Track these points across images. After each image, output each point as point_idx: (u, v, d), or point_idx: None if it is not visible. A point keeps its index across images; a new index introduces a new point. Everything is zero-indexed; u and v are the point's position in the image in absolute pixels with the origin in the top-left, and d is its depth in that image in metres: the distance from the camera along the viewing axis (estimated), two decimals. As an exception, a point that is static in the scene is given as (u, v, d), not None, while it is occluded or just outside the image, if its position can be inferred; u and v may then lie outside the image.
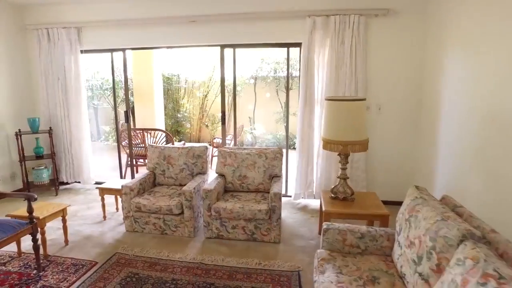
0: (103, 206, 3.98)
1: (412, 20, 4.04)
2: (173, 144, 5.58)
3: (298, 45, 4.42)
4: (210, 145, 7.67)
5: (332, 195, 3.30)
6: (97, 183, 5.35)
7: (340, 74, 4.21)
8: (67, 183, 5.33)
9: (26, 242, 3.21)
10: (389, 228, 2.48)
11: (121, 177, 5.46)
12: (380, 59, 4.19)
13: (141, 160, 5.86)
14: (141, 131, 5.67)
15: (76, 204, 4.53)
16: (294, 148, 9.03)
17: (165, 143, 6.03)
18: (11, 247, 3.12)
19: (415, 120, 4.22)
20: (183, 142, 6.04)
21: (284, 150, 4.13)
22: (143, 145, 5.67)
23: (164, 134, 5.85)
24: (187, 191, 3.41)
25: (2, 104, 4.77)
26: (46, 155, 4.95)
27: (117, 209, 4.25)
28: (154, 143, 5.70)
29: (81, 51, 4.97)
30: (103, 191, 3.92)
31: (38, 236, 2.92)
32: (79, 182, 5.29)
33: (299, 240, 3.52)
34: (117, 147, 5.52)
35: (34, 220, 2.85)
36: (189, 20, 4.50)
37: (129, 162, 5.79)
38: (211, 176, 4.10)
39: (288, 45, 4.58)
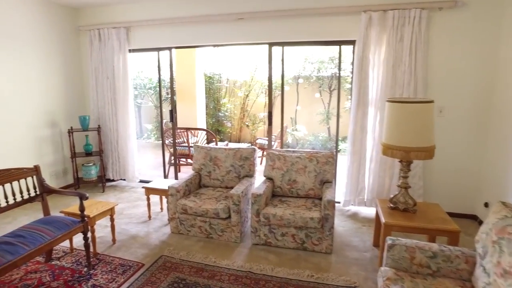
0: (149, 205, 3.95)
1: (485, 12, 3.63)
2: (216, 144, 5.51)
3: (351, 42, 4.16)
4: (252, 144, 7.64)
5: (391, 205, 3.03)
6: (141, 181, 5.40)
7: (398, 74, 3.90)
8: (113, 180, 5.42)
9: (77, 238, 3.25)
10: (466, 248, 2.19)
11: (164, 176, 5.47)
12: (443, 57, 3.83)
13: (183, 159, 5.85)
14: (184, 130, 5.65)
15: (122, 202, 4.57)
16: (339, 151, 8.77)
17: (205, 142, 5.99)
18: (65, 243, 3.23)
19: (484, 124, 3.81)
20: (226, 142, 5.95)
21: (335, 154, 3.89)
22: (187, 145, 5.64)
23: (205, 133, 5.81)
24: (235, 194, 3.28)
25: (57, 103, 4.93)
26: (94, 152, 5.05)
27: (161, 209, 4.22)
28: (196, 142, 5.65)
29: (129, 50, 5.02)
30: (149, 191, 3.89)
31: (89, 234, 2.91)
32: (124, 179, 5.36)
33: (352, 252, 3.28)
34: (162, 146, 5.54)
35: (86, 218, 2.85)
36: (237, 17, 4.38)
37: (172, 161, 5.80)
38: (257, 179, 3.96)
39: (340, 43, 4.33)
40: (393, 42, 3.85)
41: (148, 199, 3.92)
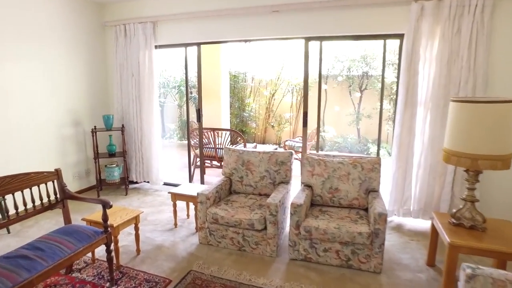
0: (175, 212, 3.67)
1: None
2: (245, 146, 5.19)
3: (398, 36, 3.76)
4: (279, 146, 7.22)
5: (453, 221, 2.62)
6: (165, 184, 5.15)
7: (453, 71, 3.46)
8: (136, 182, 5.18)
9: (100, 247, 2.99)
10: None
11: (189, 179, 5.19)
12: (509, 51, 3.36)
13: (207, 161, 5.55)
14: (210, 130, 5.36)
15: (145, 207, 4.31)
16: (369, 153, 8.32)
17: (230, 144, 5.67)
18: (84, 254, 2.93)
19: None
20: (254, 144, 5.62)
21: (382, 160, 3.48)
22: (213, 146, 5.35)
23: (228, 134, 5.50)
24: (272, 204, 2.94)
25: (81, 101, 4.73)
26: (118, 153, 4.83)
27: (188, 215, 3.94)
28: (220, 144, 5.33)
29: (155, 47, 4.77)
30: (175, 197, 3.61)
31: (112, 246, 2.64)
32: (147, 181, 5.12)
33: (403, 271, 2.88)
34: (187, 147, 5.26)
35: (109, 229, 2.57)
36: (271, 10, 4.04)
37: (197, 163, 5.52)
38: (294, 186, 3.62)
39: (385, 37, 3.92)
40: (449, 35, 3.41)
41: (175, 205, 3.64)
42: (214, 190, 3.30)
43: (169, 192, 3.64)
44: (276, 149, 6.62)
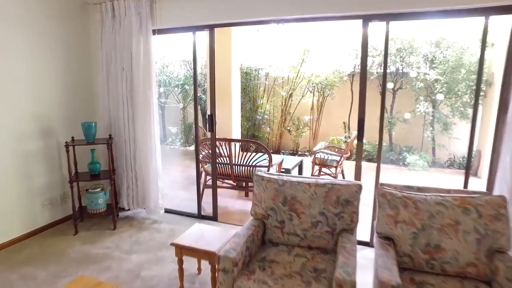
0: (181, 273, 2.45)
1: None
2: (270, 165, 3.97)
3: (508, 10, 2.56)
4: (306, 153, 5.94)
5: None
6: (167, 211, 3.95)
7: None
8: (128, 210, 3.99)
9: None
10: None
11: (198, 206, 3.98)
12: None
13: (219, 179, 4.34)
14: (226, 142, 4.16)
15: (139, 251, 3.11)
16: (405, 164, 7.11)
17: (240, 153, 4.45)
18: None
19: None
20: (281, 159, 4.36)
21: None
22: (228, 161, 4.14)
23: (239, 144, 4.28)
24: (347, 282, 1.73)
25: (53, 104, 3.55)
26: (103, 172, 3.63)
27: (199, 270, 2.74)
28: (228, 156, 4.09)
29: (154, 31, 3.57)
30: (182, 251, 2.40)
31: None
32: (143, 208, 3.92)
33: None
34: (196, 163, 4.05)
35: None
36: (317, -25, 2.84)
37: (206, 182, 4.33)
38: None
39: (487, 12, 2.70)
40: None
41: (180, 261, 2.43)
42: (244, 247, 2.10)
43: (172, 244, 2.42)
44: (301, 159, 5.41)
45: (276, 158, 4.34)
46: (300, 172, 5.50)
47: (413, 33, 6.52)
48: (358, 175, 3.11)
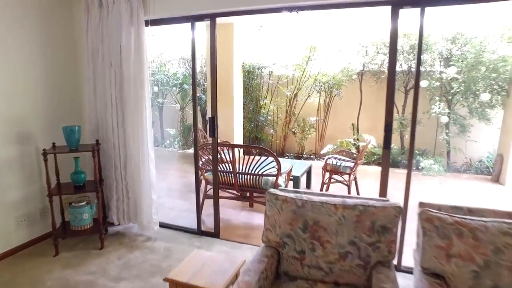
0: (177, 310, 2.01)
1: None
2: (279, 173, 3.51)
3: None
4: (312, 157, 5.47)
5: None
6: (162, 226, 3.50)
7: None
8: (119, 224, 3.53)
9: None
10: None
11: (198, 220, 3.52)
12: None
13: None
14: (229, 147, 3.70)
15: (129, 278, 2.66)
16: (420, 169, 6.65)
17: (244, 158, 3.99)
18: None
19: None
20: (290, 166, 3.89)
21: None
22: (231, 169, 3.69)
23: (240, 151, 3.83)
24: None
25: (31, 105, 3.09)
26: (89, 183, 3.17)
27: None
28: (231, 163, 3.63)
29: (146, 22, 3.12)
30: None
31: None
32: (136, 223, 3.47)
33: None
34: (195, 170, 3.59)
35: None
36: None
37: (207, 190, 3.88)
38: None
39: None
40: None
41: (176, 299, 1.98)
42: (257, 278, 1.64)
43: (165, 280, 1.97)
44: (310, 164, 4.96)
45: (284, 164, 3.87)
46: (309, 179, 5.05)
47: (429, 28, 6.06)
48: (383, 190, 2.66)
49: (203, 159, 3.85)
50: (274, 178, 3.59)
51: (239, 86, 6.82)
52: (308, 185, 5.09)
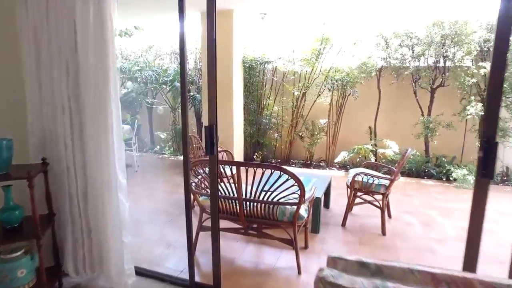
0: None
1: None
2: (302, 201, 2.53)
3: None
4: (322, 164, 4.51)
5: None
6: (139, 273, 2.52)
7: None
8: (78, 275, 2.53)
9: None
10: None
11: (190, 269, 2.53)
12: None
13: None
14: (234, 165, 2.73)
15: None
16: (441, 177, 5.74)
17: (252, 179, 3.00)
18: None
19: None
20: (314, 188, 2.88)
21: None
22: (236, 195, 2.71)
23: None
24: None
25: None
26: (26, 222, 2.18)
27: None
28: (235, 184, 2.65)
29: (113, -9, 2.14)
30: None
31: None
32: (102, 273, 2.48)
33: None
34: (184, 194, 2.58)
35: None
36: None
37: (202, 222, 2.91)
38: None
39: None
40: None
41: None
42: None
43: None
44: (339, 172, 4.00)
45: (307, 186, 2.84)
46: (327, 197, 4.10)
47: (466, 15, 5.13)
48: (475, 242, 1.71)
49: (196, 180, 2.87)
50: (294, 206, 2.62)
51: (239, 83, 5.89)
52: (327, 204, 4.14)
